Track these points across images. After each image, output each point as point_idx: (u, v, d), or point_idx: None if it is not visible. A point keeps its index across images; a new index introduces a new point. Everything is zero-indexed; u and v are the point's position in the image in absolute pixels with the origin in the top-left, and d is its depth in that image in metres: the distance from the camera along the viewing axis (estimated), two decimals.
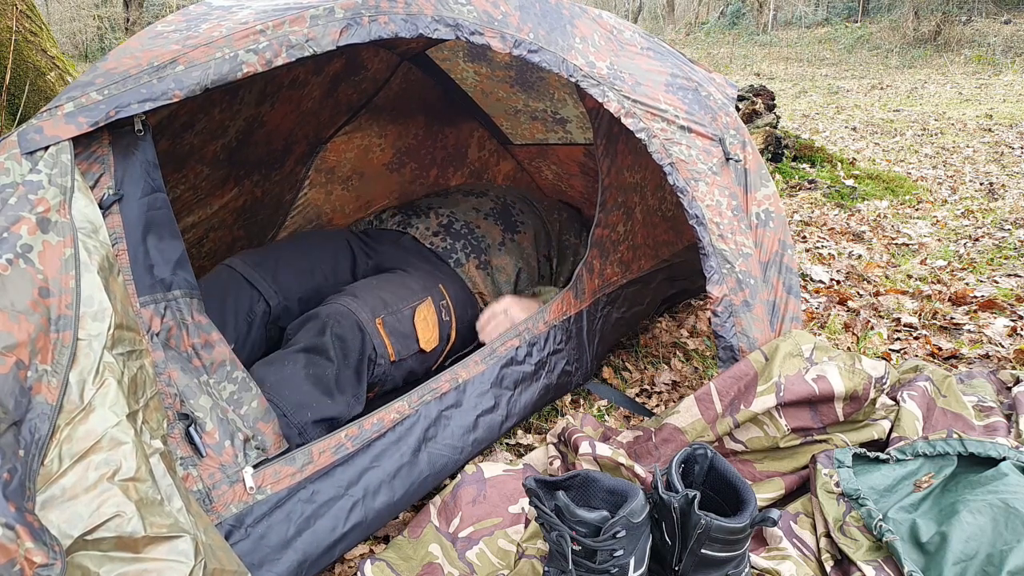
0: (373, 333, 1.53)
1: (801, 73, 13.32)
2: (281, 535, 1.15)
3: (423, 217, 2.07)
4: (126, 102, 0.99)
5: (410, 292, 1.70)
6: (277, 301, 1.67)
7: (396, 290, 1.69)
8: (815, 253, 3.16)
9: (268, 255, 1.76)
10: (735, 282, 1.56)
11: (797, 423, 1.43)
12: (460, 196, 2.16)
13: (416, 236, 2.01)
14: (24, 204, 0.90)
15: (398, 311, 1.63)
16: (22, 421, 0.80)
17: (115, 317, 0.94)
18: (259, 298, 1.65)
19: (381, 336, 1.56)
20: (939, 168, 5.10)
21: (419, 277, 1.79)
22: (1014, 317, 2.36)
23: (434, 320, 1.72)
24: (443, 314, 1.76)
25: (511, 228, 2.09)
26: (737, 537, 1.11)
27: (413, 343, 1.64)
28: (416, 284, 1.75)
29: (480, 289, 1.94)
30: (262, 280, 1.66)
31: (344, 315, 1.51)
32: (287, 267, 1.74)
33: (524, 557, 1.28)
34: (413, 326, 1.64)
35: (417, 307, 1.68)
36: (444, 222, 2.04)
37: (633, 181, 1.94)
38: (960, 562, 1.15)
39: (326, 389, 1.42)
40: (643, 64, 1.61)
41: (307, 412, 1.36)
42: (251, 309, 1.63)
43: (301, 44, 1.12)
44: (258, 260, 1.72)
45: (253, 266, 1.69)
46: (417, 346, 1.65)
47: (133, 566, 0.81)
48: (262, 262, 1.72)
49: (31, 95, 2.61)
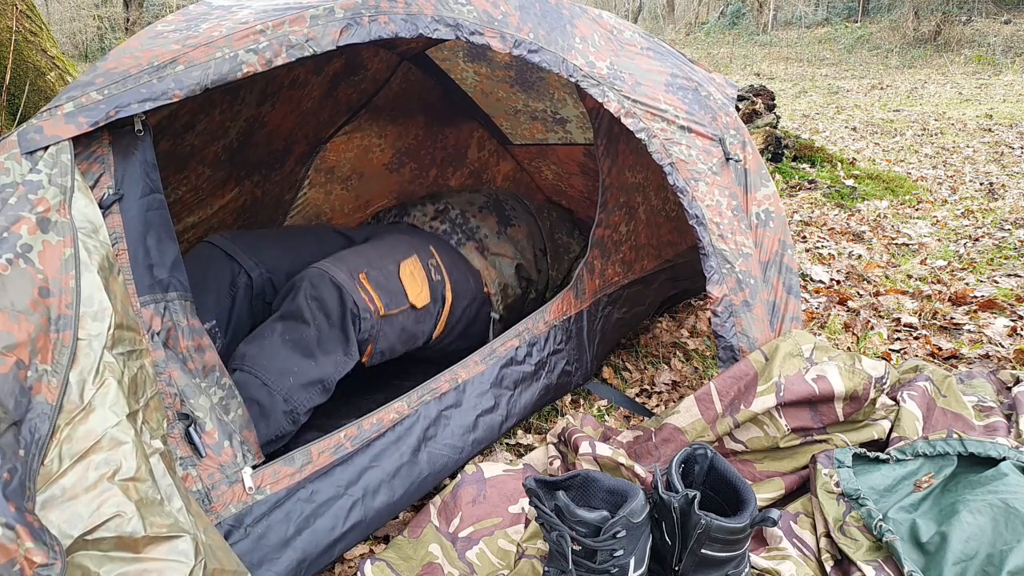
0: (351, 289, 1.52)
1: (801, 73, 13.32)
2: (280, 535, 1.15)
3: (419, 207, 2.08)
4: (126, 102, 0.99)
5: (395, 251, 1.70)
6: (259, 273, 1.65)
7: (381, 250, 1.68)
8: (815, 253, 3.16)
9: (251, 233, 1.76)
10: (735, 282, 1.56)
11: (797, 423, 1.43)
12: (454, 193, 2.18)
13: (413, 222, 2.02)
14: (24, 204, 0.90)
15: (382, 267, 1.62)
16: (22, 421, 0.80)
17: (115, 317, 0.94)
18: (240, 270, 1.63)
19: (366, 289, 1.54)
20: (939, 168, 5.10)
21: (408, 242, 1.78)
22: (1014, 317, 2.36)
23: (422, 276, 1.70)
24: (432, 272, 1.74)
25: (505, 220, 2.10)
26: (737, 537, 1.11)
27: (402, 298, 1.63)
28: (402, 243, 1.75)
29: (479, 267, 1.93)
30: (242, 253, 1.65)
31: (318, 276, 1.51)
32: (271, 243, 1.74)
33: (524, 557, 1.28)
34: (399, 280, 1.63)
35: (402, 262, 1.67)
36: (440, 208, 2.05)
37: (635, 181, 1.94)
38: (960, 562, 1.15)
39: (306, 351, 1.42)
40: (643, 64, 1.61)
41: (289, 378, 1.37)
42: (233, 282, 1.61)
43: (301, 44, 1.12)
44: (239, 236, 1.71)
45: (233, 240, 1.68)
46: (407, 301, 1.63)
47: (133, 566, 0.81)
48: (243, 237, 1.71)
49: (31, 95, 2.61)
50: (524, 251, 2.07)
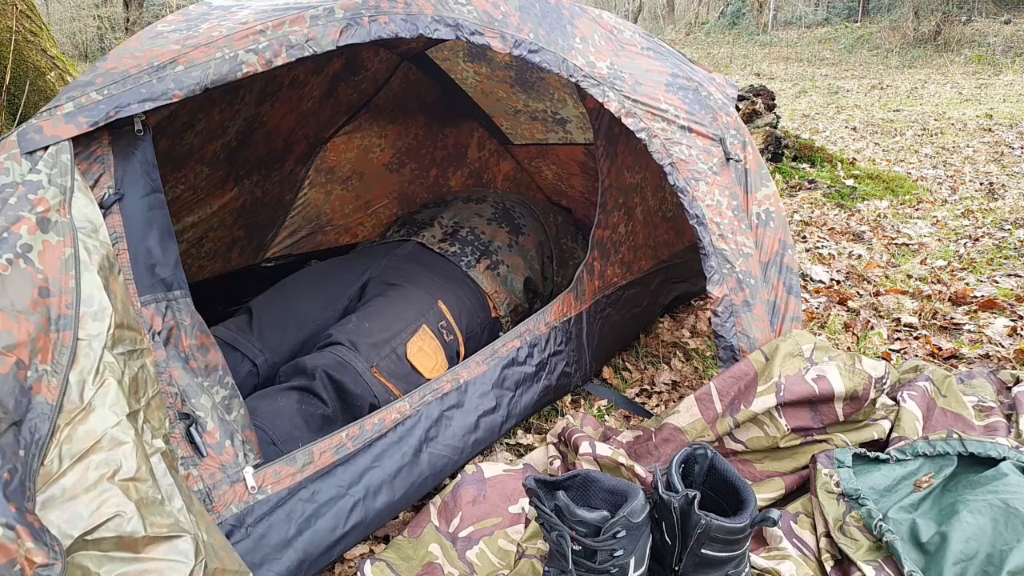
0: (372, 382, 1.52)
1: (801, 73, 13.32)
2: (282, 534, 1.15)
3: (428, 227, 2.04)
4: (126, 102, 0.99)
5: (401, 323, 1.65)
6: (264, 359, 1.64)
7: (387, 324, 1.63)
8: (815, 253, 3.16)
9: (252, 316, 1.72)
10: (735, 282, 1.55)
11: (797, 423, 1.43)
12: (460, 203, 2.13)
13: (423, 242, 1.97)
14: (24, 204, 0.90)
15: (390, 353, 1.58)
16: (22, 421, 0.80)
17: (115, 317, 0.94)
18: (242, 359, 1.61)
19: (382, 383, 1.54)
20: (939, 168, 5.10)
21: (414, 299, 1.73)
22: (1014, 317, 2.36)
23: (434, 346, 1.67)
24: (444, 335, 1.71)
25: (516, 230, 2.07)
26: (737, 537, 1.11)
27: (415, 377, 1.61)
28: (409, 310, 1.69)
29: (490, 290, 1.92)
30: (245, 342, 1.63)
31: (338, 365, 1.49)
32: (273, 324, 1.70)
33: (524, 557, 1.28)
34: (408, 363, 1.61)
35: (409, 341, 1.62)
36: (450, 230, 2.01)
37: (634, 181, 1.94)
38: (960, 562, 1.15)
39: (317, 428, 1.42)
40: (643, 64, 1.61)
41: (298, 443, 1.34)
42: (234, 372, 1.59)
43: (301, 44, 1.12)
44: (240, 324, 1.69)
45: (236, 331, 1.66)
46: (423, 379, 1.61)
47: (133, 566, 0.81)
48: (244, 325, 1.68)
49: (31, 95, 2.61)
50: (533, 261, 2.04)
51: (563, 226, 2.30)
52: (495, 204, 2.13)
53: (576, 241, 2.29)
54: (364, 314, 1.66)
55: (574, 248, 2.27)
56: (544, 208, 2.31)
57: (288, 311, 1.75)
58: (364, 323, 1.63)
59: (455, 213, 2.07)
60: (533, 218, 2.18)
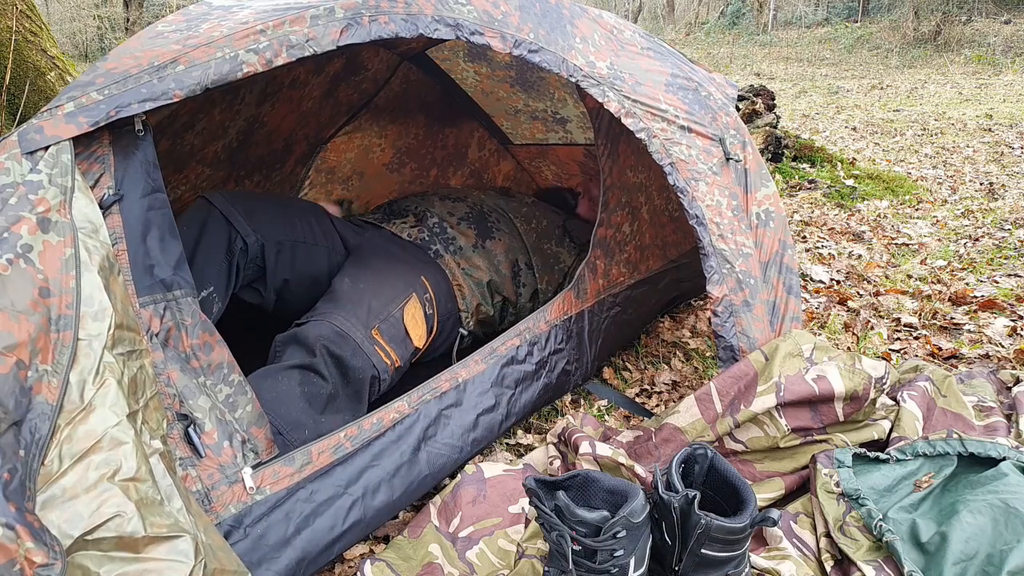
0: (371, 351, 1.52)
1: (801, 73, 13.32)
2: (280, 534, 1.15)
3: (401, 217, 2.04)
4: (126, 102, 0.99)
5: (395, 291, 1.68)
6: (255, 239, 1.63)
7: (381, 291, 1.66)
8: (815, 253, 3.16)
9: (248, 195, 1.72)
10: (735, 282, 1.56)
11: (797, 423, 1.43)
12: (436, 200, 2.10)
13: (393, 231, 1.97)
14: (24, 204, 0.90)
15: (389, 315, 1.61)
16: (22, 421, 0.80)
17: (115, 317, 0.94)
18: (236, 236, 1.60)
19: (381, 345, 1.54)
20: (939, 168, 5.10)
21: (401, 271, 1.76)
22: (1014, 317, 2.36)
23: (420, 315, 1.70)
24: (426, 307, 1.75)
25: (485, 234, 2.02)
26: (737, 537, 1.11)
27: (409, 344, 1.64)
28: (399, 281, 1.72)
29: (459, 282, 1.91)
30: (240, 219, 1.62)
31: (337, 335, 1.49)
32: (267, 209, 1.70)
33: (524, 557, 1.28)
34: (404, 326, 1.63)
35: (404, 305, 1.66)
36: (419, 217, 2.01)
37: (637, 181, 1.94)
38: (960, 562, 1.15)
39: (321, 408, 1.41)
40: (643, 64, 1.61)
41: (304, 431, 1.35)
42: (229, 248, 1.59)
43: (301, 44, 1.12)
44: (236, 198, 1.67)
45: (231, 202, 1.63)
46: (413, 345, 1.65)
47: (133, 566, 0.81)
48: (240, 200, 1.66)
49: (31, 95, 2.61)
50: (500, 266, 2.00)
51: (547, 230, 2.22)
52: (471, 205, 2.09)
53: (562, 245, 2.20)
54: (357, 281, 1.68)
55: (559, 252, 2.19)
56: (528, 212, 2.22)
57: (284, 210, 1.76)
58: (360, 288, 1.64)
59: (428, 207, 2.06)
60: (508, 226, 2.11)
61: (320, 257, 1.78)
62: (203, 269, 1.51)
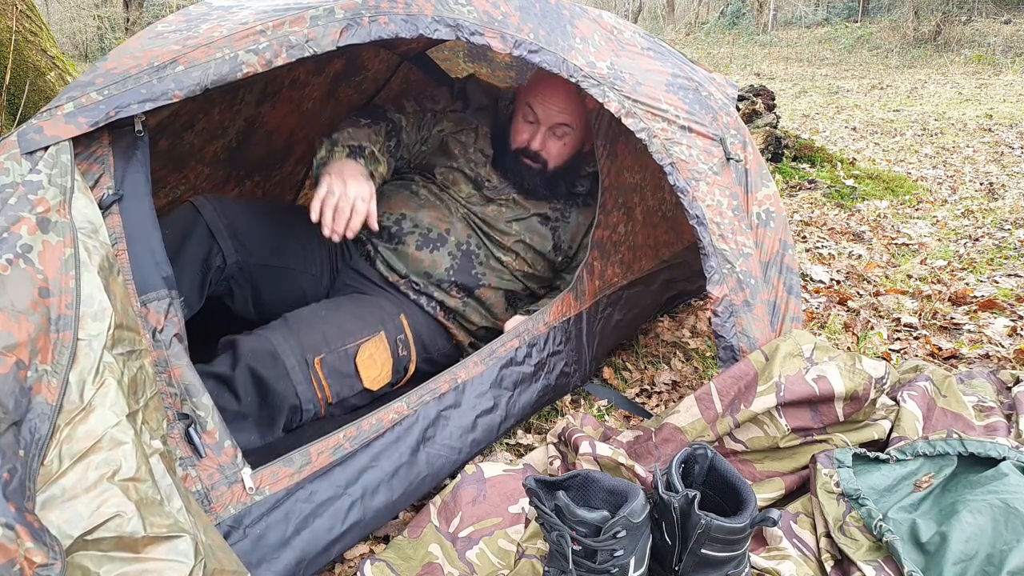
0: (299, 379, 1.42)
1: (801, 73, 13.33)
2: (279, 534, 1.15)
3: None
4: (126, 102, 0.99)
5: (360, 325, 1.58)
6: (234, 260, 1.59)
7: (344, 322, 1.56)
8: (815, 253, 3.16)
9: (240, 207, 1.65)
10: (735, 282, 1.56)
11: (797, 423, 1.43)
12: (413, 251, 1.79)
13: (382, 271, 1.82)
14: (24, 204, 0.90)
15: (340, 349, 1.51)
16: (22, 421, 0.80)
17: (115, 317, 0.94)
18: (217, 251, 1.56)
19: (318, 377, 1.45)
20: (939, 168, 5.10)
21: (379, 306, 1.67)
22: (1014, 317, 2.36)
23: (384, 356, 1.59)
24: (399, 349, 1.64)
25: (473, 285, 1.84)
26: (737, 537, 1.11)
27: (356, 382, 1.54)
28: (371, 315, 1.62)
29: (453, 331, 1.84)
30: (225, 234, 1.57)
31: (267, 356, 1.40)
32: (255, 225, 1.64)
33: (524, 557, 1.28)
34: (355, 365, 1.53)
35: (363, 344, 1.55)
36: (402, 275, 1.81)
37: (633, 182, 1.94)
38: (960, 562, 1.15)
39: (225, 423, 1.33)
40: (644, 64, 1.61)
41: None
42: (207, 260, 1.55)
43: (301, 44, 1.12)
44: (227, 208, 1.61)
45: (219, 213, 1.58)
46: (361, 385, 1.55)
47: (133, 566, 0.81)
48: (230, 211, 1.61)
49: (31, 95, 2.61)
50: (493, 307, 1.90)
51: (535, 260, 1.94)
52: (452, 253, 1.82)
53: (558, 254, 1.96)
54: (325, 306, 1.61)
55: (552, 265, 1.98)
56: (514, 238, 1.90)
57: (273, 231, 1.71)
58: (321, 315, 1.56)
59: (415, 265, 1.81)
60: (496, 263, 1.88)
61: (304, 284, 1.76)
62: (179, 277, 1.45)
